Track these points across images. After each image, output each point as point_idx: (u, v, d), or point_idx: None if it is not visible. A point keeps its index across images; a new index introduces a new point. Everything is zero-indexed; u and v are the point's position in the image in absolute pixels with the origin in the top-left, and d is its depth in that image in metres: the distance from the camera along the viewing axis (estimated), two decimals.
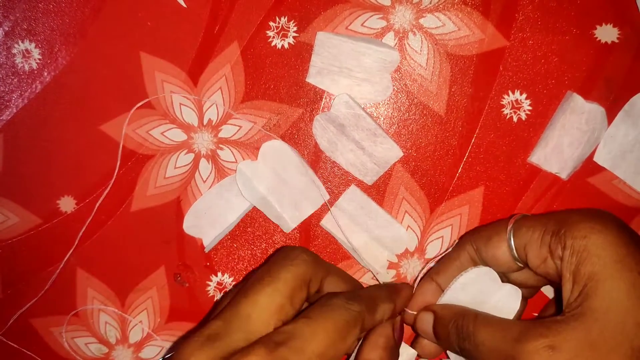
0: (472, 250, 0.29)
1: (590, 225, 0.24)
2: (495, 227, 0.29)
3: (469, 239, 0.30)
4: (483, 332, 0.26)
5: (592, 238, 0.24)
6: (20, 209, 0.35)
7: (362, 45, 0.33)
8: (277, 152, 0.34)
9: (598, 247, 0.23)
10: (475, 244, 0.29)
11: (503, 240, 0.28)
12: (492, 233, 0.28)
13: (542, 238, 0.26)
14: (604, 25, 0.33)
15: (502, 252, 0.28)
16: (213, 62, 0.34)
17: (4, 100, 0.34)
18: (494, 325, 0.26)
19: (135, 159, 0.35)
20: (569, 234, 0.24)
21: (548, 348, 0.22)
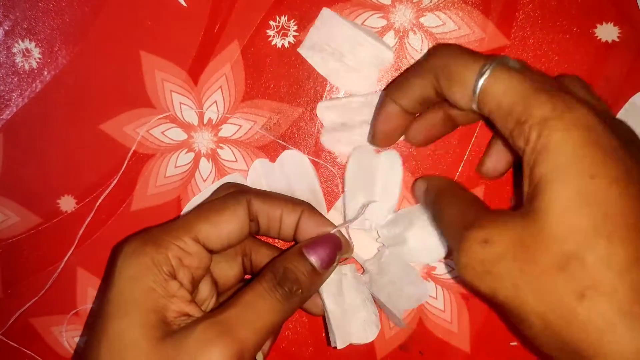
0: (436, 82, 0.26)
1: (557, 123, 0.21)
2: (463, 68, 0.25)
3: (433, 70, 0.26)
4: (449, 209, 0.26)
5: (553, 137, 0.21)
6: (21, 208, 0.35)
7: (361, 35, 0.33)
8: (297, 163, 0.34)
9: (557, 147, 0.21)
10: (438, 78, 0.26)
11: (467, 92, 0.25)
12: (457, 77, 0.25)
13: (507, 117, 0.23)
14: (604, 24, 0.33)
15: (464, 102, 0.25)
16: (213, 61, 0.34)
17: (4, 100, 0.34)
18: (458, 205, 0.26)
19: (135, 158, 0.35)
20: (533, 129, 0.22)
21: (483, 241, 0.22)
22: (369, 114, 0.33)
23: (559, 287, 0.20)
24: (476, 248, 0.22)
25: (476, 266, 0.22)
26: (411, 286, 0.33)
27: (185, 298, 0.25)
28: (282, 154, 0.34)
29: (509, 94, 0.23)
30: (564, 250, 0.20)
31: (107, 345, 0.24)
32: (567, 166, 0.21)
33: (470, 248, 0.23)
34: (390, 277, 0.33)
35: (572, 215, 0.20)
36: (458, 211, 0.25)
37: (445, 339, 0.35)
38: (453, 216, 0.25)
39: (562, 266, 0.20)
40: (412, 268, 0.34)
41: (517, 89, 0.23)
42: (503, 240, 0.22)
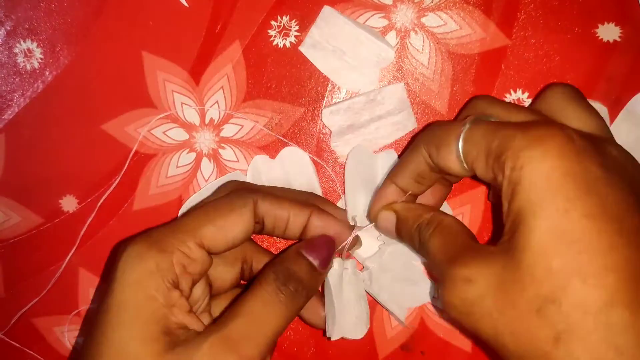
0: (426, 154, 0.27)
1: (529, 154, 0.21)
2: (446, 132, 0.26)
3: (421, 143, 0.27)
4: (433, 242, 0.25)
5: (527, 169, 0.21)
6: (22, 208, 0.35)
7: (362, 33, 0.33)
8: (297, 160, 0.34)
9: (531, 179, 0.21)
10: (427, 149, 0.27)
11: (452, 152, 0.25)
12: (442, 141, 0.25)
13: (487, 159, 0.23)
14: (605, 24, 0.33)
15: (452, 163, 0.25)
16: (215, 61, 0.34)
17: (5, 100, 0.34)
18: (444, 237, 0.25)
19: (137, 159, 0.35)
20: (508, 162, 0.22)
21: (465, 280, 0.22)
22: (373, 111, 0.33)
23: (536, 330, 0.20)
24: (459, 287, 0.22)
25: (459, 305, 0.22)
26: (414, 285, 0.33)
27: (184, 308, 0.25)
28: (282, 150, 0.34)
29: (487, 137, 0.23)
30: (541, 293, 0.20)
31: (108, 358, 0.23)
32: (542, 200, 0.20)
33: (453, 286, 0.22)
34: (393, 275, 0.33)
35: (547, 254, 0.20)
36: (442, 243, 0.25)
37: (446, 339, 0.35)
38: (437, 248, 0.25)
39: (539, 309, 0.20)
40: (414, 266, 0.34)
41: (493, 131, 0.23)
42: (484, 279, 0.21)
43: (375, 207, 0.30)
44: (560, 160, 0.21)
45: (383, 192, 0.30)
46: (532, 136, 0.21)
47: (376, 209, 0.30)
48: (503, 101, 0.28)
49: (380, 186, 0.30)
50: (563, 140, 0.21)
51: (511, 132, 0.22)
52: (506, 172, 0.22)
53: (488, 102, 0.28)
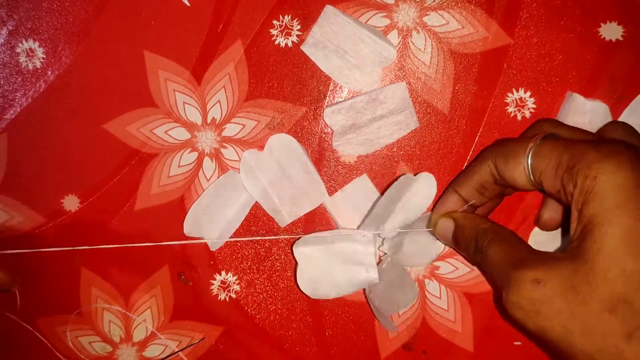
0: (492, 166, 0.29)
1: (602, 166, 0.23)
2: (515, 146, 0.28)
3: (489, 155, 0.29)
4: (494, 249, 0.26)
5: (601, 179, 0.23)
6: (25, 207, 0.35)
7: (364, 32, 0.33)
8: (285, 146, 0.34)
9: (605, 189, 0.22)
10: (495, 161, 0.29)
11: (520, 164, 0.27)
12: (511, 154, 0.27)
13: (556, 170, 0.25)
14: (608, 23, 0.32)
15: (518, 175, 0.27)
16: (217, 61, 0.34)
17: (7, 100, 0.34)
18: (504, 245, 0.26)
19: (138, 158, 0.35)
20: (580, 173, 0.23)
21: (534, 281, 0.23)
22: (375, 110, 0.33)
23: (608, 329, 0.21)
24: (527, 287, 0.23)
25: (525, 305, 0.23)
26: (401, 290, 0.34)
27: None
28: (269, 139, 0.34)
29: (557, 150, 0.25)
30: (613, 293, 0.21)
31: None
32: (614, 208, 0.22)
33: (520, 287, 0.23)
34: (385, 283, 0.33)
35: (620, 257, 0.21)
36: (503, 250, 0.26)
37: (448, 339, 0.35)
38: (498, 255, 0.26)
39: (612, 309, 0.21)
40: (407, 273, 0.34)
41: (563, 145, 0.25)
42: (554, 281, 0.23)
43: (436, 213, 0.32)
44: (632, 173, 0.22)
45: (445, 200, 0.31)
46: (604, 151, 0.23)
47: (437, 215, 0.32)
48: (567, 125, 0.29)
49: (443, 194, 0.32)
50: (632, 156, 0.23)
51: (584, 147, 0.24)
52: (579, 181, 0.23)
53: (554, 124, 0.30)
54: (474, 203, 0.31)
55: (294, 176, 0.34)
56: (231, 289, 0.36)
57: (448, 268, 0.35)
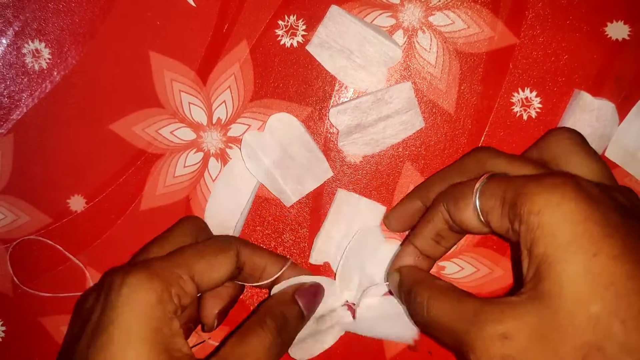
0: (445, 211, 0.28)
1: (545, 198, 0.21)
2: (464, 187, 0.26)
3: (441, 200, 0.28)
4: (437, 306, 0.25)
5: (546, 214, 0.21)
6: (31, 208, 0.35)
7: (369, 32, 0.33)
8: (285, 125, 0.34)
9: (552, 224, 0.21)
10: (446, 205, 0.27)
11: (469, 205, 0.26)
12: (460, 195, 0.26)
13: (502, 208, 0.24)
14: (614, 22, 0.32)
15: (469, 217, 0.26)
16: (222, 61, 0.34)
17: (14, 100, 0.35)
18: (447, 302, 0.25)
19: (144, 158, 0.35)
20: (524, 208, 0.22)
21: (502, 337, 0.21)
22: (380, 110, 0.33)
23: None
24: (496, 345, 0.21)
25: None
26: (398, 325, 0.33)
27: (183, 337, 0.25)
28: (268, 119, 0.34)
29: (501, 187, 0.24)
30: (584, 340, 0.20)
31: None
32: (567, 245, 0.21)
33: (490, 345, 0.21)
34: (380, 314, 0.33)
35: (584, 300, 0.20)
36: (451, 307, 0.24)
37: None
38: (448, 314, 0.24)
39: (584, 357, 0.20)
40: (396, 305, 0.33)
41: (506, 181, 0.24)
42: (522, 333, 0.21)
43: (390, 268, 0.31)
44: (578, 205, 0.21)
45: (400, 253, 0.30)
46: (546, 183, 0.22)
47: (390, 270, 0.31)
48: (506, 153, 0.28)
49: (399, 247, 0.31)
50: (576, 187, 0.22)
51: (525, 180, 0.23)
52: (523, 217, 0.22)
53: (490, 154, 0.28)
54: (433, 255, 0.30)
55: (296, 155, 0.34)
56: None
57: (454, 268, 0.35)
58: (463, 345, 0.23)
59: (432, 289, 0.26)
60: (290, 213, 0.35)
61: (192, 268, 0.26)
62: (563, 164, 0.27)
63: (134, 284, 0.24)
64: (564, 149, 0.27)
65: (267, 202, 0.35)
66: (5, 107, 0.35)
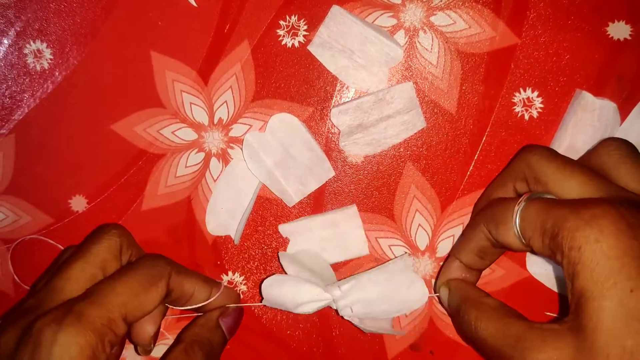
0: (487, 232, 0.28)
1: (584, 234, 0.22)
2: (504, 210, 0.27)
3: (482, 220, 0.29)
4: (485, 327, 0.26)
5: (586, 250, 0.22)
6: (32, 208, 0.35)
7: (371, 32, 0.33)
8: (287, 125, 0.34)
9: (591, 260, 0.22)
10: (487, 227, 0.28)
11: (510, 229, 0.26)
12: (501, 219, 0.27)
13: (543, 238, 0.25)
14: (616, 22, 0.32)
15: (512, 240, 0.27)
16: (223, 61, 0.34)
17: (15, 100, 0.35)
18: (493, 322, 0.26)
19: (145, 158, 0.35)
20: (564, 243, 0.23)
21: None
22: (382, 110, 0.33)
23: None
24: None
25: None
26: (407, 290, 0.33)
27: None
28: (269, 119, 0.34)
29: (541, 216, 0.25)
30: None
31: None
32: (604, 281, 0.21)
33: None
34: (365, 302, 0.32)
35: (618, 334, 0.21)
36: (497, 329, 0.25)
37: (456, 339, 0.35)
38: (494, 335, 0.25)
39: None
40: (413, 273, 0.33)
41: (546, 210, 0.24)
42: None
43: (438, 281, 0.32)
44: (616, 239, 0.22)
45: (447, 268, 0.31)
46: (585, 216, 0.22)
47: (439, 283, 0.32)
48: (557, 157, 0.28)
49: (445, 260, 0.32)
50: (615, 218, 0.22)
51: (565, 212, 0.23)
52: (565, 251, 0.23)
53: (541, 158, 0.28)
54: (478, 267, 0.30)
55: (297, 155, 0.34)
56: (238, 289, 0.36)
57: None
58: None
59: (480, 308, 0.27)
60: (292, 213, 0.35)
61: (125, 307, 0.25)
62: (613, 175, 0.27)
63: (67, 343, 0.23)
64: (613, 159, 0.27)
65: (269, 203, 0.35)
66: (6, 108, 0.35)
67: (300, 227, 0.35)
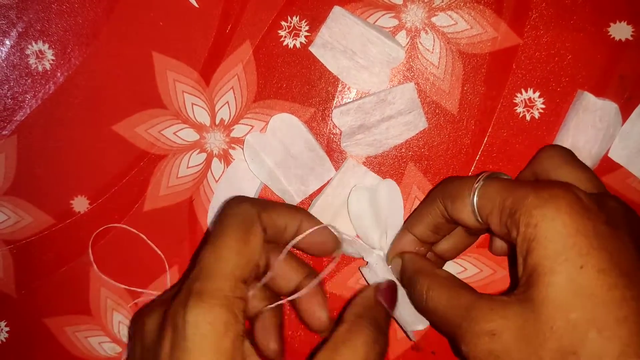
0: (442, 207, 0.29)
1: (542, 212, 0.23)
2: (461, 187, 0.27)
3: (437, 196, 0.29)
4: (435, 297, 0.26)
5: (541, 227, 0.23)
6: (34, 209, 0.35)
7: (372, 33, 0.33)
8: (287, 126, 0.34)
9: (546, 237, 0.22)
10: (443, 202, 0.29)
11: (466, 205, 0.27)
12: (457, 195, 0.27)
13: (501, 213, 0.25)
14: (618, 22, 0.32)
15: (467, 216, 0.27)
16: (225, 62, 0.34)
17: (17, 101, 0.35)
18: (444, 291, 0.26)
19: (147, 159, 0.35)
20: (522, 219, 0.23)
21: (489, 333, 0.23)
22: (384, 111, 0.33)
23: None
24: (485, 341, 0.23)
25: (484, 358, 0.23)
26: None
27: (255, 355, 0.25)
28: (270, 120, 0.34)
29: (501, 193, 0.25)
30: (561, 345, 0.21)
31: None
32: (556, 257, 0.22)
33: (478, 341, 0.23)
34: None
35: (566, 308, 0.21)
36: (447, 299, 0.26)
37: None
38: (444, 305, 0.26)
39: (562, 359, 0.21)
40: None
41: (506, 188, 0.25)
42: (508, 332, 0.23)
43: (390, 253, 0.32)
44: (571, 218, 0.22)
45: (399, 241, 0.32)
46: (544, 196, 0.23)
47: (390, 255, 0.32)
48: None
49: (397, 234, 0.32)
50: (572, 199, 0.23)
51: (525, 191, 0.24)
52: (521, 228, 0.23)
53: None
54: (430, 241, 0.31)
55: (298, 155, 0.34)
56: None
57: (457, 269, 0.35)
58: (456, 337, 0.24)
59: (432, 278, 0.28)
60: None
61: (237, 269, 0.25)
62: (554, 176, 0.28)
63: (196, 323, 0.23)
64: (555, 163, 0.29)
65: None
66: (8, 109, 0.35)
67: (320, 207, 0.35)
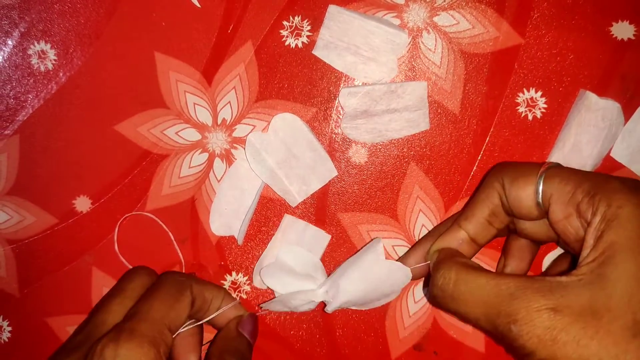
0: (501, 188, 0.28)
1: (627, 197, 0.23)
2: (526, 168, 0.27)
3: (496, 175, 0.28)
4: (468, 279, 0.25)
5: (626, 209, 0.23)
6: (37, 208, 0.36)
7: (371, 24, 0.33)
8: (289, 125, 0.34)
9: (629, 219, 0.23)
10: (503, 180, 0.28)
11: (531, 184, 0.26)
12: (521, 173, 0.27)
13: (573, 195, 0.25)
14: (620, 22, 0.32)
15: (526, 195, 0.27)
16: (227, 62, 0.34)
17: (20, 101, 0.35)
18: (484, 275, 0.25)
19: (149, 159, 0.35)
20: (603, 200, 0.23)
21: (550, 310, 0.22)
22: (390, 103, 0.33)
23: (632, 352, 0.21)
24: (543, 316, 0.22)
25: (541, 334, 0.22)
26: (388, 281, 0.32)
27: None
28: (272, 120, 0.34)
29: (576, 176, 0.25)
30: (637, 318, 0.21)
31: None
32: (638, 238, 0.22)
33: (536, 317, 0.22)
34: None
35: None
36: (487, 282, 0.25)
37: (459, 339, 0.35)
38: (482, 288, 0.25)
39: (636, 333, 0.21)
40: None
41: (582, 173, 0.26)
42: (571, 309, 0.22)
43: (434, 247, 0.30)
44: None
45: (447, 236, 0.30)
46: (629, 185, 0.24)
47: (432, 249, 0.30)
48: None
49: (447, 229, 0.30)
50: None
51: (606, 177, 0.25)
52: (600, 208, 0.23)
53: None
54: (479, 240, 0.29)
55: (300, 154, 0.34)
56: (242, 289, 0.36)
57: None
58: (501, 317, 0.23)
59: (462, 264, 0.26)
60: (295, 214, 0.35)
61: (166, 318, 0.28)
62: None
63: (127, 357, 0.25)
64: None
65: (272, 203, 0.35)
66: (11, 108, 0.35)
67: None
